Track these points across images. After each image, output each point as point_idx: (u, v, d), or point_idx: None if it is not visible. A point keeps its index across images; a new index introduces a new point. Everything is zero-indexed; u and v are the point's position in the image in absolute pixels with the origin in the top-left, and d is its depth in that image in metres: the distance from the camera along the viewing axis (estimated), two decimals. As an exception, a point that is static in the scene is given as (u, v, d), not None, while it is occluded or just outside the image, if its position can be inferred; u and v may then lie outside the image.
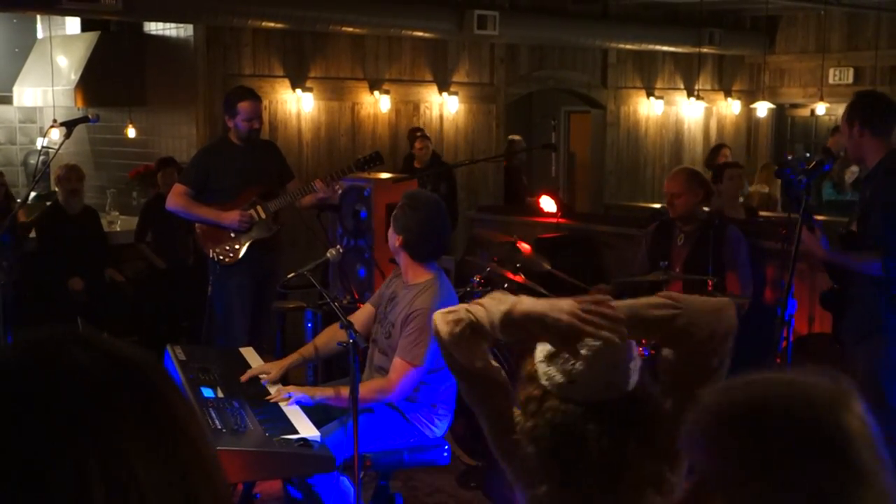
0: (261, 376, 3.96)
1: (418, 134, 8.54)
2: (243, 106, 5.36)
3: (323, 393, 3.80)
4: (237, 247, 5.37)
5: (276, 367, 3.99)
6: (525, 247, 5.55)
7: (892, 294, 3.98)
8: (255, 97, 5.45)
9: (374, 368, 3.94)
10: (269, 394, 3.75)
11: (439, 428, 3.95)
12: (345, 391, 3.68)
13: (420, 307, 3.70)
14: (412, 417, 3.88)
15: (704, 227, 5.12)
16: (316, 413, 3.67)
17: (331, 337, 4.04)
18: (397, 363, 3.73)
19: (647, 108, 11.27)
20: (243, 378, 3.94)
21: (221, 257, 5.38)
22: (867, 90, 4.30)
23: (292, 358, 4.09)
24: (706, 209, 5.34)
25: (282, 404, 3.67)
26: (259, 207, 5.38)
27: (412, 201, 3.89)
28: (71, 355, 0.80)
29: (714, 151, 9.49)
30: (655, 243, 5.32)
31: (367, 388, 3.67)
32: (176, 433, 0.81)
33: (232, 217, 5.30)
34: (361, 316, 4.08)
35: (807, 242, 4.03)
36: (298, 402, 3.69)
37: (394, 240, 3.87)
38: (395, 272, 4.05)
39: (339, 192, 5.58)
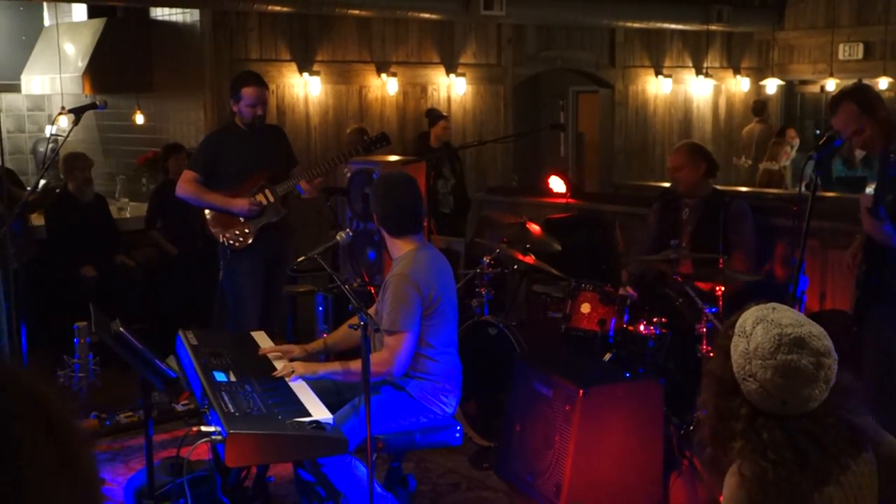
0: (281, 355, 4.05)
1: (445, 115, 8.62)
2: (247, 91, 5.36)
3: (327, 368, 3.85)
4: (247, 231, 5.38)
5: (298, 349, 4.11)
6: (535, 227, 5.54)
7: None
8: (259, 83, 5.43)
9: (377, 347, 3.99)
10: (282, 378, 3.78)
11: (448, 406, 3.97)
12: (353, 365, 3.76)
13: (393, 275, 3.85)
14: (419, 396, 3.91)
15: (708, 201, 5.12)
16: (328, 397, 3.69)
17: (348, 331, 4.14)
18: (385, 337, 3.82)
19: (656, 87, 11.22)
20: (265, 352, 4.06)
21: (232, 242, 5.39)
22: (852, 85, 4.34)
23: (316, 344, 4.18)
24: (714, 185, 5.33)
25: (290, 382, 3.72)
26: (267, 191, 5.38)
27: (380, 180, 4.14)
28: None
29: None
30: (663, 219, 5.32)
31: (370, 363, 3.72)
32: (51, 453, 0.92)
33: (241, 204, 5.31)
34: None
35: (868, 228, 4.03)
36: (301, 378, 3.76)
37: (375, 220, 4.03)
38: None
39: (319, 188, 5.64)
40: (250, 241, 5.38)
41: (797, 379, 2.01)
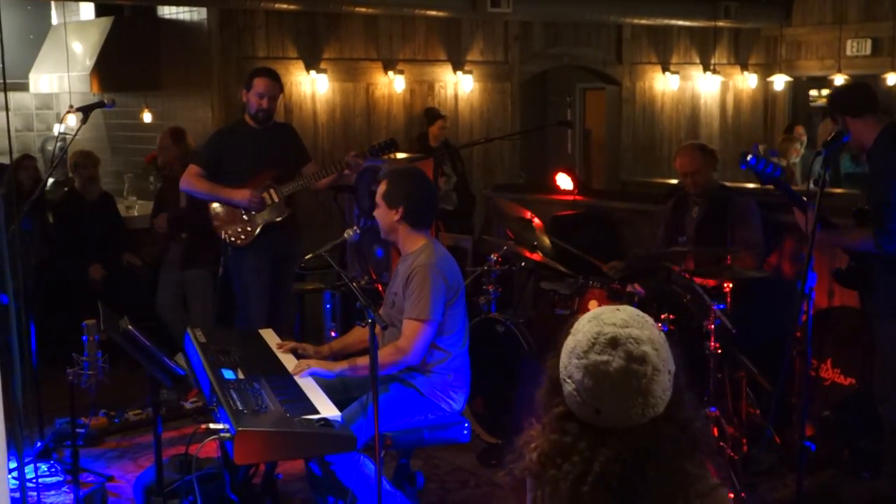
0: (298, 351, 4.11)
1: (443, 114, 8.67)
2: (258, 82, 5.38)
3: (341, 366, 3.86)
4: (249, 229, 5.38)
5: (312, 348, 4.15)
6: (537, 222, 5.55)
7: None
8: (273, 76, 5.44)
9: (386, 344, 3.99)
10: (290, 375, 3.79)
11: (457, 402, 3.98)
12: (361, 361, 3.79)
13: (419, 264, 3.83)
14: (428, 392, 3.91)
15: (714, 197, 5.12)
16: (337, 394, 3.70)
17: (352, 338, 4.23)
18: (406, 324, 3.82)
19: (663, 84, 11.20)
20: (281, 348, 4.11)
21: (233, 239, 5.39)
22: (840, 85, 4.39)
23: (328, 348, 4.20)
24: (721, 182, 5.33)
25: (298, 379, 3.73)
26: (272, 191, 5.38)
27: (400, 174, 4.08)
28: None
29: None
30: (673, 218, 5.33)
31: (384, 354, 3.73)
32: None
33: (243, 195, 5.31)
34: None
35: (801, 224, 4.05)
36: (315, 374, 3.78)
37: (390, 215, 3.96)
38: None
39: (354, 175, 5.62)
40: (252, 238, 5.38)
41: (605, 384, 1.75)
